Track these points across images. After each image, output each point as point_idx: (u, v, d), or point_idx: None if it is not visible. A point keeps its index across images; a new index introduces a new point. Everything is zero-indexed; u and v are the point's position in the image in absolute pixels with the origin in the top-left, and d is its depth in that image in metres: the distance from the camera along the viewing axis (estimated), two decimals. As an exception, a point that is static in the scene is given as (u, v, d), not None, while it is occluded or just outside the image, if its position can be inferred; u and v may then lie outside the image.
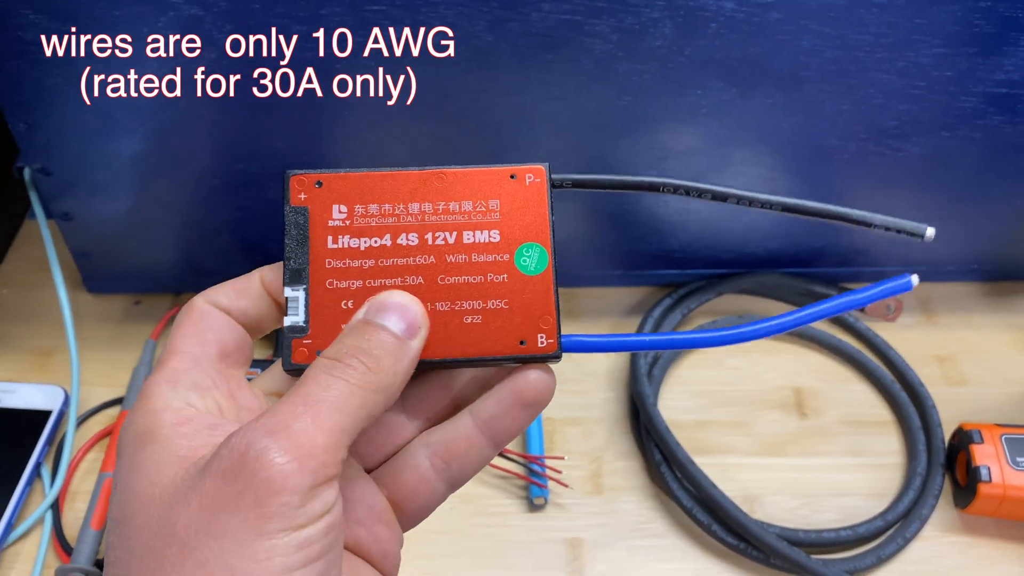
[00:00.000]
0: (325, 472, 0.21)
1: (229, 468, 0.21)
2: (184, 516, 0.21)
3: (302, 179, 0.27)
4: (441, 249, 0.26)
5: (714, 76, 0.47)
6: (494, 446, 0.27)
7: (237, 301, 0.27)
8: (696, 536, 0.48)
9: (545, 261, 0.26)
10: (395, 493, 0.27)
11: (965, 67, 0.47)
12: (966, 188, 0.55)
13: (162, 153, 0.49)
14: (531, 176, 0.27)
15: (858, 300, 0.27)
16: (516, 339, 0.26)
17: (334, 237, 0.26)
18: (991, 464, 0.47)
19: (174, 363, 0.25)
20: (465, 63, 0.46)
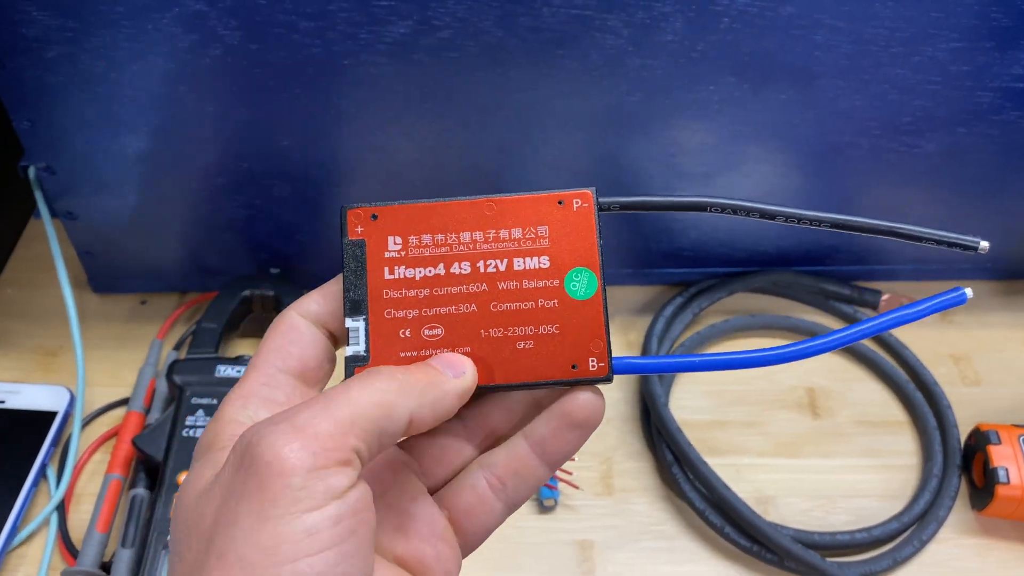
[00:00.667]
0: (327, 456, 0.21)
1: (238, 459, 0.22)
2: (209, 511, 0.22)
3: (358, 213, 0.27)
4: (493, 277, 0.27)
5: (726, 71, 0.47)
6: (547, 467, 0.27)
7: (327, 305, 0.27)
8: (708, 538, 0.47)
9: (594, 285, 0.27)
10: (455, 513, 0.27)
11: (982, 62, 0.47)
12: (982, 185, 0.54)
13: (166, 151, 0.49)
14: (579, 201, 0.27)
15: (913, 315, 0.27)
16: (568, 363, 0.26)
17: (390, 268, 0.27)
18: (1009, 465, 0.46)
19: (252, 377, 0.26)
20: (474, 59, 0.45)
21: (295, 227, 0.54)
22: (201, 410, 0.47)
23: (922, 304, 0.27)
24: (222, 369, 0.49)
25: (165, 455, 0.45)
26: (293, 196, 0.52)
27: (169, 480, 0.44)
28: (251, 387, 0.26)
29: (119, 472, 0.47)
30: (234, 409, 0.25)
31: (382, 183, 0.52)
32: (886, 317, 0.27)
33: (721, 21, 0.44)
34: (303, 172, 0.50)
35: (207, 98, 0.47)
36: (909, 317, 0.27)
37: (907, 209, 0.56)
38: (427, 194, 0.53)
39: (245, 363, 0.49)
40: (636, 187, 0.53)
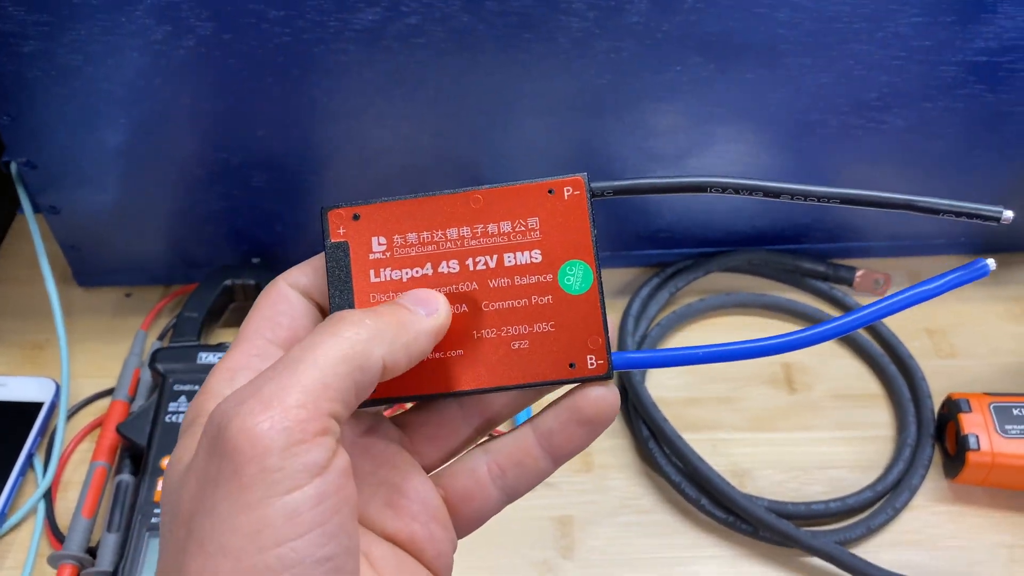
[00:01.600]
0: (304, 428, 0.20)
1: (210, 441, 0.21)
2: (186, 497, 0.21)
3: (340, 213, 0.26)
4: (483, 274, 0.26)
5: (693, 52, 0.47)
6: (552, 461, 0.26)
7: (317, 279, 0.26)
8: (685, 511, 0.48)
9: (590, 279, 0.26)
10: (451, 495, 0.27)
11: (944, 36, 0.47)
12: (951, 159, 0.55)
13: (145, 144, 0.50)
14: (570, 189, 0.26)
15: (933, 290, 0.26)
16: (565, 362, 0.25)
17: (376, 271, 0.26)
18: (979, 432, 0.47)
19: (241, 348, 0.25)
20: (442, 44, 0.46)
21: (274, 216, 0.55)
22: (184, 396, 0.48)
23: (943, 278, 0.25)
24: (204, 356, 0.49)
25: (149, 440, 0.46)
26: (270, 186, 0.52)
27: (152, 464, 0.45)
28: (239, 358, 0.24)
29: (104, 460, 0.48)
30: (220, 382, 0.24)
31: (358, 170, 0.52)
32: (905, 294, 0.25)
33: (685, 1, 0.45)
34: (279, 161, 0.51)
35: (183, 90, 0.47)
36: (930, 292, 0.26)
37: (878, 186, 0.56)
38: (404, 181, 0.54)
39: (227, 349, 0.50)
40: (610, 170, 0.54)
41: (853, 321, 0.26)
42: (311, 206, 0.54)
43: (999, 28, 0.47)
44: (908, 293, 0.26)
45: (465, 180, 0.54)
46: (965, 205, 0.26)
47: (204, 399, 0.24)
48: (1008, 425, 0.47)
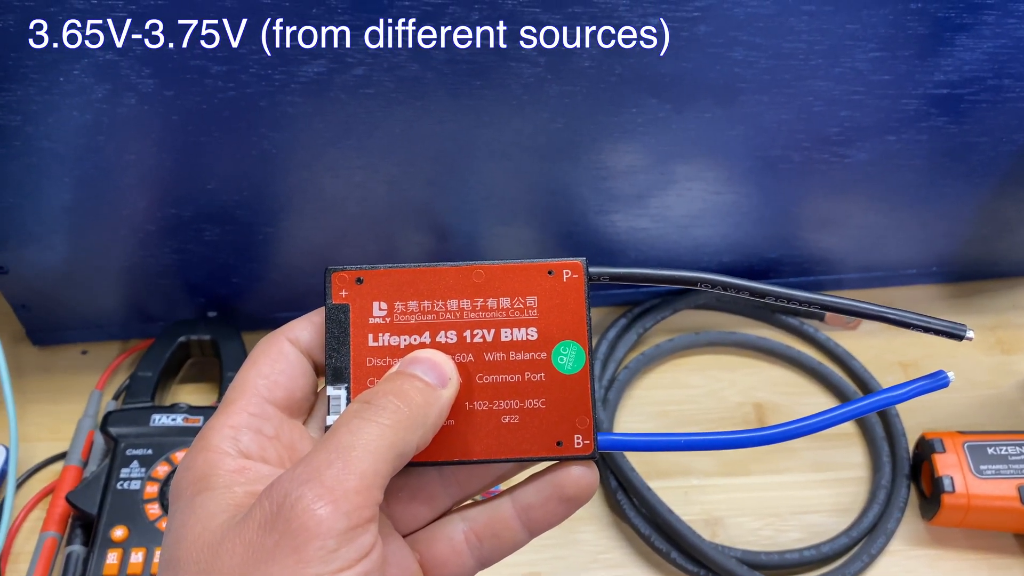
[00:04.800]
0: (359, 515, 0.22)
1: (268, 518, 0.22)
2: (228, 563, 0.22)
3: (344, 276, 0.27)
4: (480, 347, 0.26)
5: (647, 93, 0.46)
6: (528, 533, 0.27)
7: (316, 336, 0.27)
8: (656, 564, 0.47)
9: (582, 360, 0.26)
10: (426, 560, 0.27)
11: (903, 70, 0.47)
12: (918, 190, 0.54)
13: (92, 201, 0.48)
14: (568, 272, 0.27)
15: (897, 396, 0.28)
16: (553, 440, 0.26)
17: (375, 335, 0.26)
18: (954, 473, 0.46)
19: (239, 405, 0.25)
20: (392, 94, 0.45)
21: (230, 269, 0.53)
22: (136, 461, 0.46)
23: (906, 386, 0.28)
24: (157, 418, 0.48)
25: (99, 509, 0.45)
26: (224, 239, 0.51)
27: (103, 535, 0.44)
28: (240, 417, 0.25)
29: (55, 530, 0.46)
30: (224, 440, 0.25)
31: (312, 221, 0.51)
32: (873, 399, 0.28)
33: (636, 44, 0.44)
34: (232, 214, 0.50)
35: (127, 147, 0.46)
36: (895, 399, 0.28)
37: (846, 219, 0.56)
38: (360, 229, 0.53)
39: (182, 411, 0.48)
40: (570, 212, 0.53)
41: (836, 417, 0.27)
42: (266, 258, 0.53)
43: (958, 60, 0.46)
44: (875, 399, 0.28)
45: (422, 227, 0.53)
46: (933, 321, 0.28)
47: (212, 455, 0.24)
48: (983, 465, 0.46)
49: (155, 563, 0.43)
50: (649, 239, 0.55)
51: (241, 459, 0.24)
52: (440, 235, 0.54)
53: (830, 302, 0.28)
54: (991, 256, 0.59)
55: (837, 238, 0.57)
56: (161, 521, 0.44)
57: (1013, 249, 0.59)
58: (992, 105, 0.49)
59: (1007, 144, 0.51)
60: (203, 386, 0.55)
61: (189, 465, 0.25)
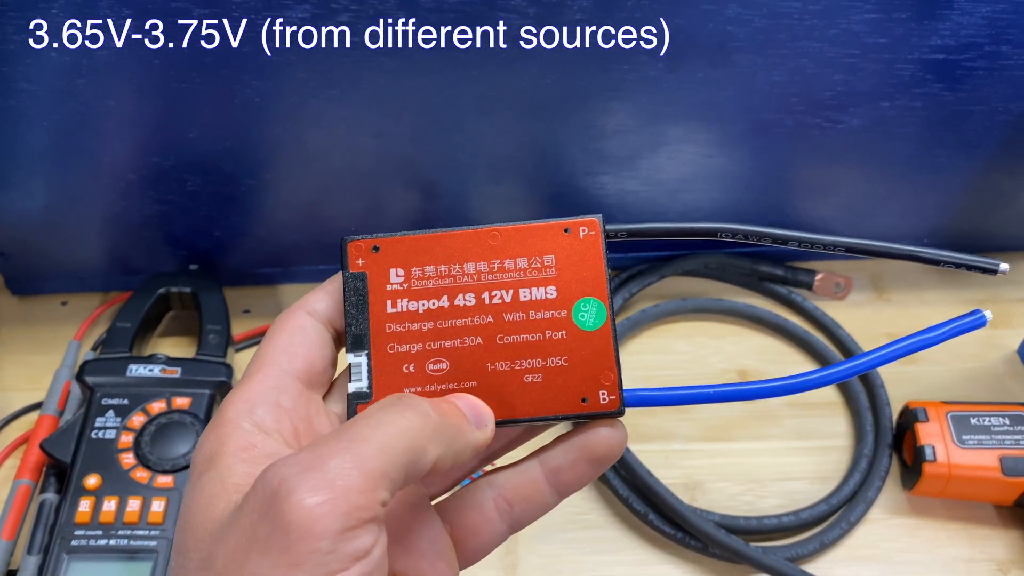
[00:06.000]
0: (358, 515, 0.20)
1: (262, 504, 0.21)
2: (223, 552, 0.21)
3: (359, 245, 0.27)
4: (499, 308, 0.26)
5: (638, 51, 0.46)
6: (558, 495, 0.27)
7: (334, 305, 0.27)
8: (634, 526, 0.46)
9: (603, 316, 0.26)
10: (457, 530, 0.27)
11: (899, 33, 0.46)
12: (911, 159, 0.53)
13: (70, 147, 0.48)
14: (585, 229, 0.27)
15: (933, 338, 0.27)
16: (578, 397, 0.26)
17: (393, 301, 0.26)
18: (936, 443, 0.45)
19: (257, 378, 0.25)
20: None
21: (212, 222, 0.53)
22: (111, 411, 0.46)
23: (943, 327, 0.27)
24: (134, 368, 0.47)
25: (73, 458, 0.44)
26: (206, 189, 0.50)
27: (75, 484, 0.43)
28: (257, 389, 0.25)
29: (28, 477, 0.46)
30: (239, 413, 0.24)
31: (297, 173, 0.50)
32: (906, 342, 0.27)
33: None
34: (214, 165, 0.49)
35: (107, 92, 0.45)
36: (931, 340, 0.27)
37: (838, 187, 0.55)
38: (345, 184, 0.53)
39: (159, 362, 0.48)
40: (559, 172, 0.52)
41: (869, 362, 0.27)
42: (249, 211, 0.52)
43: (955, 24, 0.45)
44: (908, 341, 0.27)
45: (408, 184, 0.52)
46: (965, 257, 0.27)
47: (225, 431, 0.24)
48: (965, 435, 0.45)
49: (128, 511, 0.42)
50: (638, 202, 0.54)
51: (253, 434, 0.24)
52: (427, 193, 0.53)
53: (856, 243, 0.28)
54: (984, 229, 0.59)
55: (828, 206, 0.56)
56: (136, 471, 0.44)
57: (1007, 223, 0.58)
58: (988, 72, 0.48)
59: (1003, 114, 0.50)
60: (183, 339, 0.54)
61: (203, 442, 0.24)
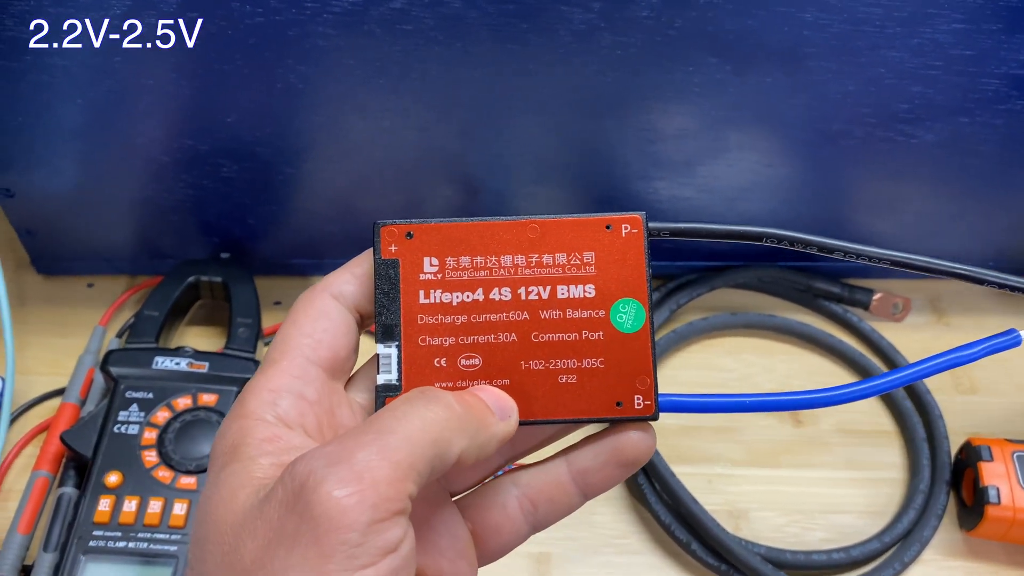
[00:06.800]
0: (388, 507, 0.20)
1: (289, 498, 0.20)
2: (250, 546, 0.21)
3: (392, 230, 0.26)
4: (535, 305, 0.25)
5: (707, 51, 0.43)
6: (583, 497, 0.26)
7: (360, 288, 0.26)
8: (675, 554, 0.44)
9: (642, 318, 0.25)
10: (479, 528, 0.26)
11: (987, 45, 0.43)
12: (985, 179, 0.50)
13: (104, 126, 0.46)
14: (627, 226, 0.26)
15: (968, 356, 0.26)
16: (612, 400, 0.25)
17: (426, 292, 0.25)
18: (1000, 484, 0.43)
19: (280, 367, 0.24)
20: (430, 32, 0.41)
21: (245, 209, 0.51)
22: (135, 404, 0.44)
23: (977, 345, 0.26)
24: (160, 361, 0.45)
25: (94, 452, 0.42)
26: (241, 176, 0.48)
27: (96, 479, 0.42)
28: (280, 379, 0.24)
29: (47, 469, 0.44)
30: (262, 404, 0.23)
31: (336, 164, 0.48)
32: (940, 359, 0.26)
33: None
34: (251, 151, 0.47)
35: (145, 71, 0.43)
36: (964, 359, 0.26)
37: (904, 203, 0.52)
38: (386, 177, 0.50)
39: (187, 355, 0.46)
40: (611, 175, 0.50)
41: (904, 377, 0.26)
42: (285, 200, 0.50)
43: (1049, 39, 0.42)
44: (944, 358, 0.26)
45: (450, 180, 0.50)
46: (1010, 279, 0.27)
47: (247, 423, 0.23)
48: (1033, 478, 0.43)
49: (149, 512, 0.41)
50: (692, 209, 0.52)
51: (276, 427, 0.23)
52: (470, 190, 0.50)
53: (904, 259, 0.27)
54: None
55: (891, 223, 0.54)
56: (158, 470, 0.42)
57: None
58: (1080, 91, 0.45)
59: (1089, 136, 0.47)
60: (211, 329, 0.52)
61: (224, 432, 0.23)
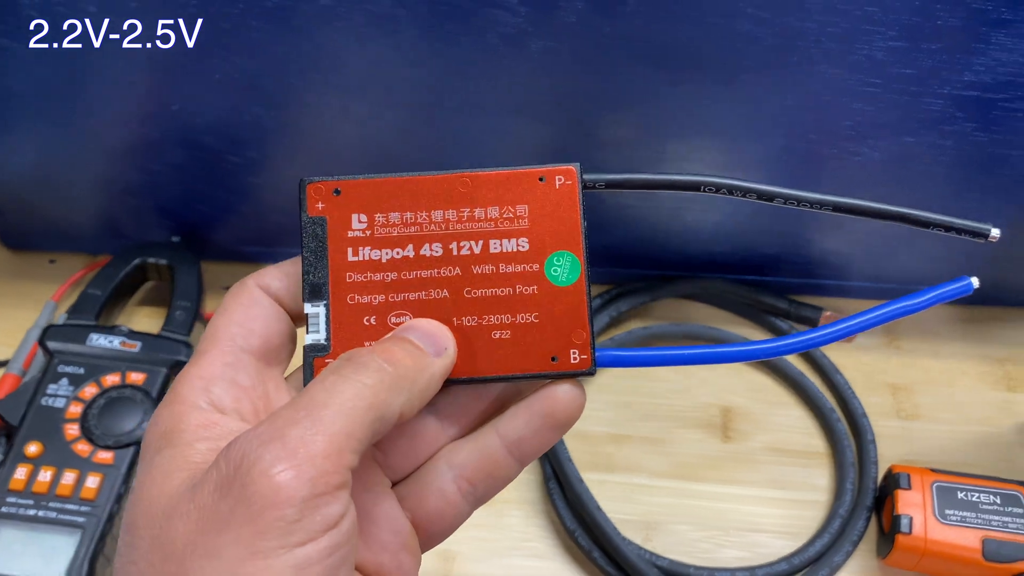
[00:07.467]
0: (326, 481, 0.20)
1: (223, 480, 0.20)
2: (182, 530, 0.20)
3: (319, 187, 0.25)
4: (467, 260, 0.25)
5: (638, 60, 0.43)
6: (520, 465, 0.26)
7: (289, 284, 0.26)
8: (580, 561, 0.44)
9: (577, 271, 0.25)
10: (419, 517, 0.26)
11: (928, 64, 0.42)
12: (940, 201, 0.49)
13: (57, 108, 0.47)
14: (561, 178, 0.25)
15: (917, 305, 0.26)
16: (547, 355, 0.25)
17: (354, 249, 0.25)
18: (914, 514, 0.42)
19: (212, 355, 0.24)
20: (361, 29, 0.42)
21: (196, 196, 0.52)
22: (66, 379, 0.45)
23: (927, 293, 0.26)
24: (95, 338, 0.47)
25: (20, 422, 0.44)
26: (189, 164, 0.49)
27: (17, 448, 0.43)
28: (212, 367, 0.24)
29: (-14, 439, 0.46)
30: (195, 392, 0.23)
31: (280, 155, 0.49)
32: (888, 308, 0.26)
33: (626, 2, 0.40)
34: (197, 139, 0.48)
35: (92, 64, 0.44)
36: (911, 308, 0.26)
37: (854, 222, 0.50)
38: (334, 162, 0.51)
39: (121, 334, 0.47)
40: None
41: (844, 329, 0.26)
42: (234, 188, 0.51)
43: (993, 60, 0.41)
44: (891, 307, 0.26)
45: (393, 176, 0.50)
46: (956, 220, 0.27)
47: (180, 409, 0.23)
48: (949, 510, 0.42)
49: (62, 483, 0.42)
50: (634, 219, 0.51)
51: (211, 412, 0.23)
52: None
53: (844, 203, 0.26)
54: (1015, 282, 0.54)
55: (844, 242, 0.53)
56: (78, 443, 0.43)
57: (1044, 278, 0.54)
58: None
59: (1043, 162, 0.46)
60: (160, 310, 0.54)
61: (156, 419, 0.23)
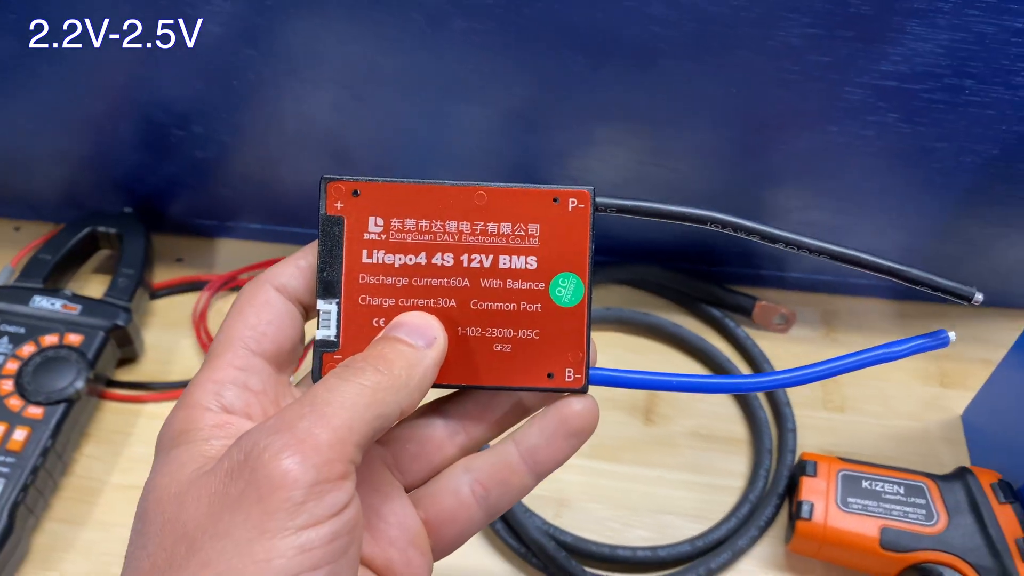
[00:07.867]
0: (330, 469, 0.21)
1: (235, 467, 0.21)
2: (194, 514, 0.21)
3: (339, 187, 0.26)
4: (476, 272, 0.26)
5: (560, 43, 0.43)
6: (535, 476, 0.27)
7: (304, 280, 0.26)
8: (487, 535, 0.45)
9: (580, 294, 0.26)
10: (432, 517, 0.27)
11: (844, 53, 0.42)
12: (870, 193, 0.49)
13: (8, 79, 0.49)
14: (575, 201, 0.26)
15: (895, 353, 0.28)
16: (544, 372, 0.26)
17: (369, 251, 0.26)
18: (817, 501, 0.42)
19: (224, 359, 0.25)
20: (290, 7, 0.43)
21: (145, 168, 0.54)
22: (6, 337, 0.47)
23: (906, 343, 0.28)
24: (38, 300, 0.49)
25: (-40, 377, 0.46)
26: (136, 137, 0.51)
27: (-47, 402, 0.45)
28: (225, 371, 0.25)
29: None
30: (206, 394, 0.24)
31: (222, 129, 0.51)
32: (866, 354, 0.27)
33: (542, -15, 0.41)
34: (143, 113, 0.50)
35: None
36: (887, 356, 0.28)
37: (785, 213, 0.51)
38: (269, 146, 0.52)
39: (64, 297, 0.49)
40: (486, 165, 0.50)
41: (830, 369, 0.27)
42: (181, 162, 0.53)
43: (909, 50, 0.41)
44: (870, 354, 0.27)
45: (332, 151, 0.51)
46: (942, 281, 0.28)
47: (193, 412, 0.24)
48: (851, 498, 0.42)
49: (-10, 436, 0.44)
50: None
51: (223, 415, 0.24)
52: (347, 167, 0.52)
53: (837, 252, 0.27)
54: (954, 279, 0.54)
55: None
56: (10, 398, 0.45)
57: (980, 275, 0.53)
58: (951, 107, 0.43)
59: (970, 155, 0.46)
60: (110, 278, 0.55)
61: (170, 421, 0.24)
